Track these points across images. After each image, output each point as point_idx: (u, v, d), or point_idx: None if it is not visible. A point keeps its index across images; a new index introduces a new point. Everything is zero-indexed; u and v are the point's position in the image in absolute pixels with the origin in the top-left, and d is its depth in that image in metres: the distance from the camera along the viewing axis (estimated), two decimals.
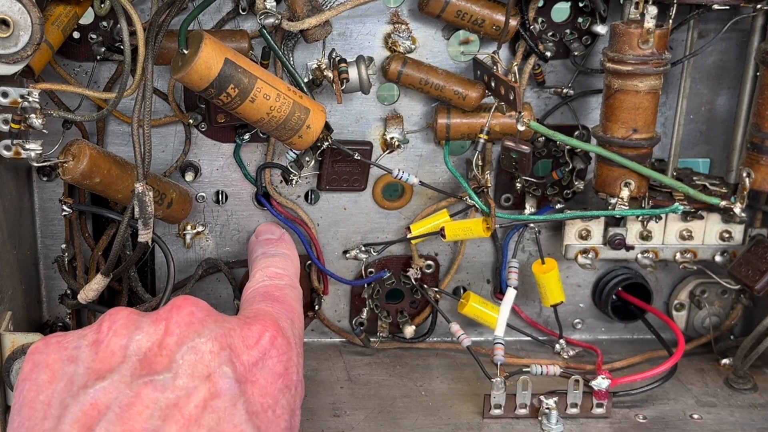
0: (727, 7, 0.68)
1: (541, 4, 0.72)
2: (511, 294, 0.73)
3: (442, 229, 0.72)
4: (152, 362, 0.46)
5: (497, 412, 0.69)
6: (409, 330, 0.79)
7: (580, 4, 0.73)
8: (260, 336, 0.49)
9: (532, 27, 0.71)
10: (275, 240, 0.70)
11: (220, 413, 0.44)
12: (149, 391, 0.44)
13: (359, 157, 0.72)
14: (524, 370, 0.70)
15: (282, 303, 0.56)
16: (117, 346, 0.47)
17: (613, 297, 0.81)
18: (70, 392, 0.46)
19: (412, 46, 0.72)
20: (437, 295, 0.79)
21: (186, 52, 0.61)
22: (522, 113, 0.68)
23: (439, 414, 0.70)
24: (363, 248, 0.78)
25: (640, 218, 0.75)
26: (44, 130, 0.61)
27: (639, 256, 0.77)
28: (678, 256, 0.77)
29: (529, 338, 0.82)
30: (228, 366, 0.46)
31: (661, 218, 0.75)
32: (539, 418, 0.69)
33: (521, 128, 0.69)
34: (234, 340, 0.48)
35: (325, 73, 0.68)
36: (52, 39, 0.62)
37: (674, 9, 0.67)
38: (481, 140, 0.72)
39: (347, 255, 0.78)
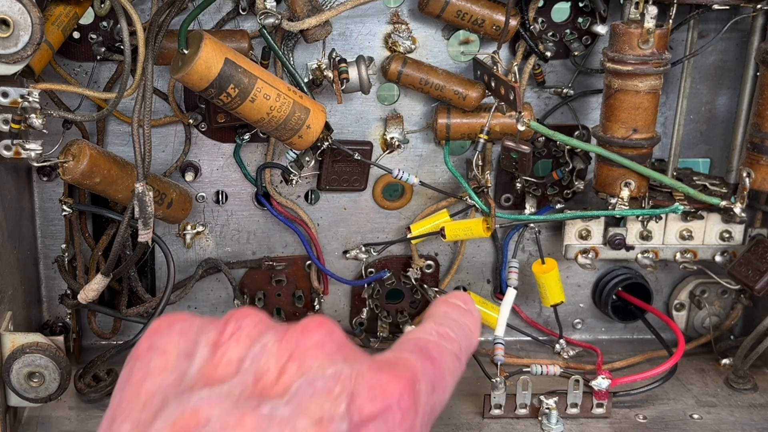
0: (727, 7, 0.68)
1: (541, 4, 0.72)
2: (511, 294, 0.73)
3: (442, 229, 0.72)
4: (266, 385, 0.44)
5: (497, 412, 0.69)
6: (409, 330, 0.79)
7: (580, 4, 0.73)
8: (389, 391, 0.45)
9: (532, 27, 0.71)
10: (464, 310, 0.65)
11: None
12: (254, 419, 0.42)
13: (359, 157, 0.72)
14: (524, 370, 0.70)
15: (435, 366, 0.51)
16: (234, 356, 0.45)
17: (613, 297, 0.81)
18: (175, 390, 0.44)
19: (412, 46, 0.72)
20: (437, 295, 0.79)
21: (186, 52, 0.61)
22: (522, 113, 0.68)
23: (440, 414, 0.70)
24: (363, 248, 0.78)
25: (640, 218, 0.75)
26: (44, 130, 0.61)
27: (639, 256, 0.77)
28: (678, 256, 0.77)
29: (529, 338, 0.82)
30: (343, 414, 0.43)
31: (661, 218, 0.75)
32: (539, 418, 0.69)
33: (521, 128, 0.69)
34: (359, 386, 0.44)
35: (325, 73, 0.68)
36: (52, 39, 0.62)
37: (674, 9, 0.67)
38: (481, 140, 0.72)
39: (347, 255, 0.78)
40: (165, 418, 0.41)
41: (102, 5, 0.68)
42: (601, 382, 0.69)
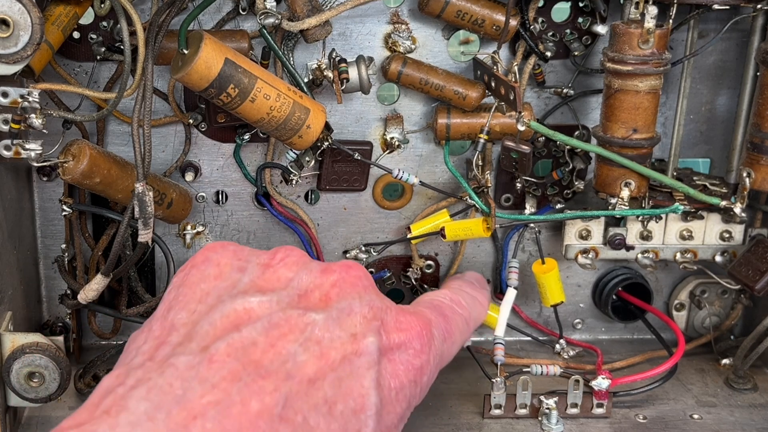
0: (727, 7, 0.68)
1: (541, 4, 0.72)
2: (511, 294, 0.73)
3: (442, 229, 0.72)
4: (310, 300, 0.48)
5: (497, 412, 0.69)
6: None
7: (580, 4, 0.73)
8: (411, 326, 0.51)
9: (532, 27, 0.71)
10: (476, 287, 0.68)
11: (353, 368, 0.46)
12: (301, 319, 0.46)
13: (359, 157, 0.72)
14: (524, 370, 0.70)
15: (446, 322, 0.56)
16: (283, 275, 0.49)
17: (613, 297, 0.81)
18: (230, 293, 0.48)
19: (412, 46, 0.72)
20: None
21: (186, 52, 0.61)
22: (522, 113, 0.68)
23: (439, 414, 0.70)
24: (363, 248, 0.78)
25: (640, 218, 0.75)
26: (44, 130, 0.61)
27: (639, 256, 0.77)
28: (678, 256, 0.77)
29: (529, 338, 0.82)
30: (374, 335, 0.48)
31: (661, 218, 0.75)
32: (539, 418, 0.69)
33: (521, 128, 0.69)
34: (387, 317, 0.50)
35: (325, 73, 0.69)
36: (52, 39, 0.62)
37: (674, 9, 0.67)
38: (481, 140, 0.72)
39: (347, 255, 0.78)
40: (220, 311, 0.46)
41: (102, 5, 0.68)
42: (601, 382, 0.69)
